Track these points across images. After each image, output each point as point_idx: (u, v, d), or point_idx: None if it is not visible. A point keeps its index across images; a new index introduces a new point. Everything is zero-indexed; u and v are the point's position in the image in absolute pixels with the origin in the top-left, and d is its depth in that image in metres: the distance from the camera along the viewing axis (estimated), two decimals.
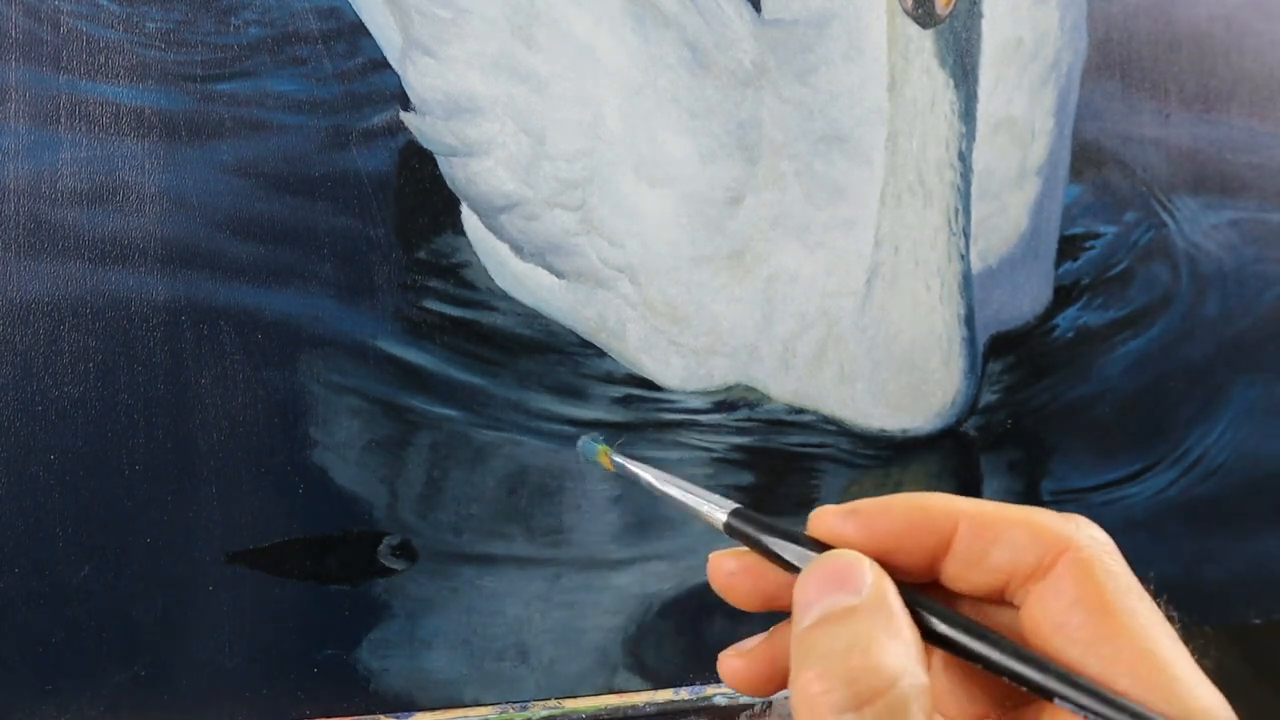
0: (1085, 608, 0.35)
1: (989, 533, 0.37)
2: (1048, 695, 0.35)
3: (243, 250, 0.64)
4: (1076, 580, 0.36)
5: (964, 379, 0.71)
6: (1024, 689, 0.35)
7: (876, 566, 0.36)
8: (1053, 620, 0.36)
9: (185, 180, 0.63)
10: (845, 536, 0.38)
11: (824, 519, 0.38)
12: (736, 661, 0.39)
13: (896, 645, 0.34)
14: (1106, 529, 0.38)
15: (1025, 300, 0.74)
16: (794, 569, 0.37)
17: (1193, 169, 0.77)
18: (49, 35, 0.61)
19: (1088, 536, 0.37)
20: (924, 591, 0.37)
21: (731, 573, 0.39)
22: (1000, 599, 0.38)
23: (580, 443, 0.41)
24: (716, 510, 0.40)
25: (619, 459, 0.43)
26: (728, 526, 0.39)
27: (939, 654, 0.38)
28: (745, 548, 0.39)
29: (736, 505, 0.40)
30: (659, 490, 0.41)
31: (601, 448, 0.43)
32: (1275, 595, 0.78)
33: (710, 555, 0.39)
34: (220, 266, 0.63)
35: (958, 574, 0.38)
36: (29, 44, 0.61)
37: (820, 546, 0.38)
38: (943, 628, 0.36)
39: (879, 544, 0.37)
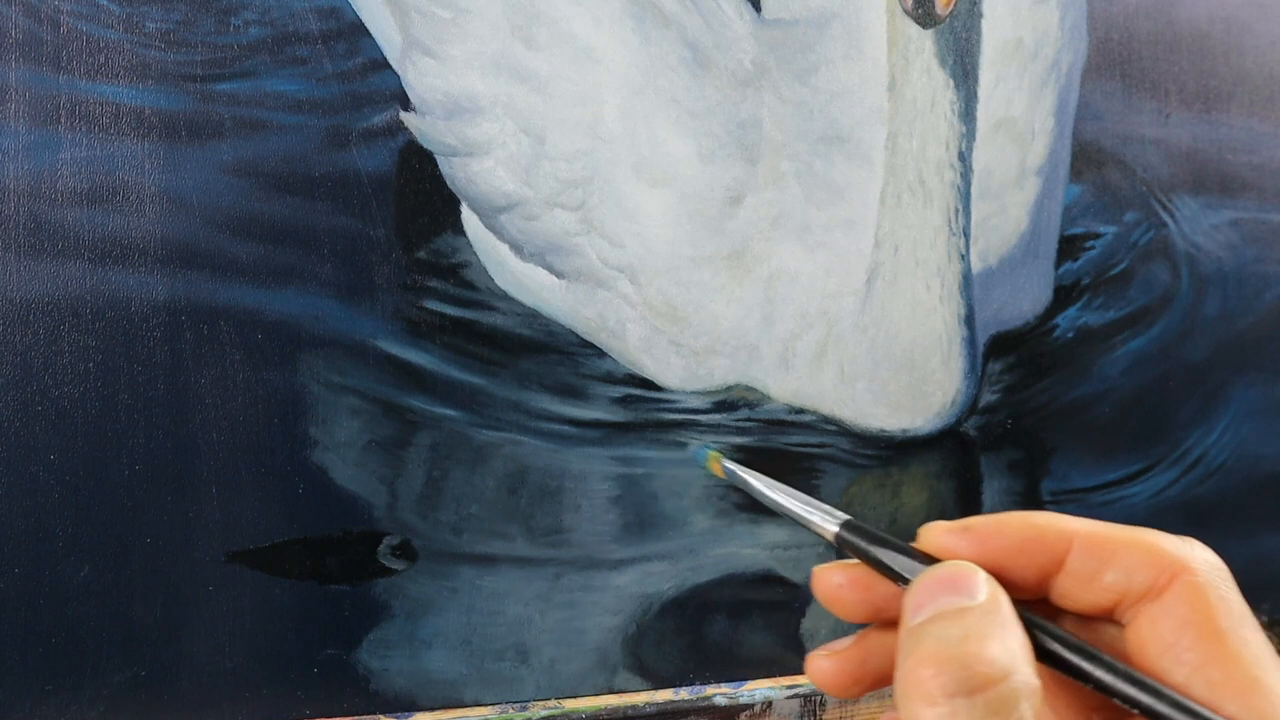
0: (1196, 631, 0.36)
1: (1104, 553, 0.37)
2: (1155, 718, 0.35)
3: (243, 250, 0.64)
4: (1189, 603, 0.36)
5: (964, 379, 0.71)
6: (1135, 711, 0.36)
7: (991, 578, 0.37)
8: (1162, 641, 0.36)
9: (185, 180, 0.63)
10: (957, 553, 0.38)
11: (935, 534, 0.38)
12: (825, 661, 0.39)
13: (1011, 643, 0.34)
14: None
15: (1025, 300, 0.74)
16: (904, 580, 0.38)
17: (1193, 169, 0.77)
18: (49, 35, 0.61)
19: (1204, 560, 0.37)
20: (1031, 606, 0.37)
21: (840, 585, 0.39)
22: (1109, 617, 0.38)
23: (691, 448, 0.41)
24: (828, 521, 0.40)
25: (730, 465, 0.43)
26: (838, 538, 0.40)
27: (1049, 678, 0.38)
28: (852, 559, 0.39)
29: (847, 517, 0.40)
30: (769, 498, 0.41)
31: (713, 454, 0.44)
32: (1276, 594, 0.78)
33: (814, 569, 0.40)
34: (220, 266, 0.63)
35: (1068, 592, 0.38)
36: (29, 44, 0.61)
37: (931, 560, 0.38)
38: (1054, 646, 0.36)
39: (991, 561, 0.38)
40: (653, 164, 0.68)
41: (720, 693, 0.69)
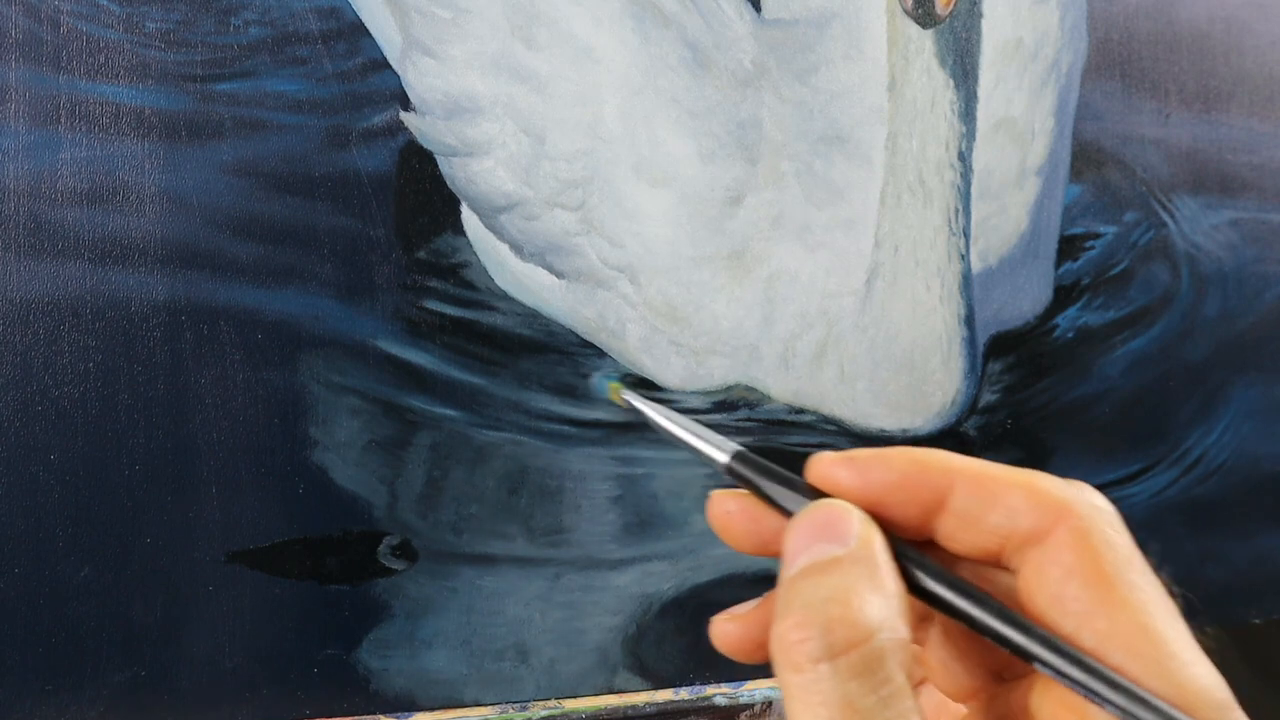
0: (1081, 578, 0.35)
1: (986, 493, 0.37)
2: (1029, 659, 0.34)
3: (243, 250, 0.64)
4: (1074, 549, 0.35)
5: (964, 379, 0.71)
6: (1008, 651, 0.35)
7: (866, 518, 0.36)
8: (1049, 590, 0.35)
9: (185, 180, 0.63)
10: (840, 484, 0.37)
11: (822, 465, 0.38)
12: (729, 625, 0.38)
13: (876, 598, 0.34)
14: None
15: (1025, 300, 0.74)
16: (789, 514, 0.37)
17: (1193, 169, 0.77)
18: (49, 35, 0.61)
19: (1088, 504, 0.36)
20: (920, 548, 0.37)
21: (729, 512, 0.39)
22: (997, 563, 0.37)
23: (593, 380, 0.42)
24: (720, 452, 0.39)
25: (628, 394, 0.43)
26: (729, 468, 0.39)
27: (938, 627, 0.38)
28: (736, 492, 0.39)
29: (739, 448, 0.39)
30: (663, 427, 0.41)
31: (613, 384, 0.44)
32: (1275, 594, 0.78)
33: (712, 493, 0.39)
34: (220, 266, 0.63)
35: (952, 533, 0.37)
36: (29, 44, 0.61)
37: (817, 494, 0.37)
38: (930, 583, 0.36)
39: (873, 495, 0.37)
40: (653, 164, 0.68)
41: (720, 693, 0.69)
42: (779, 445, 0.71)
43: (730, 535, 0.39)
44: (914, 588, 0.36)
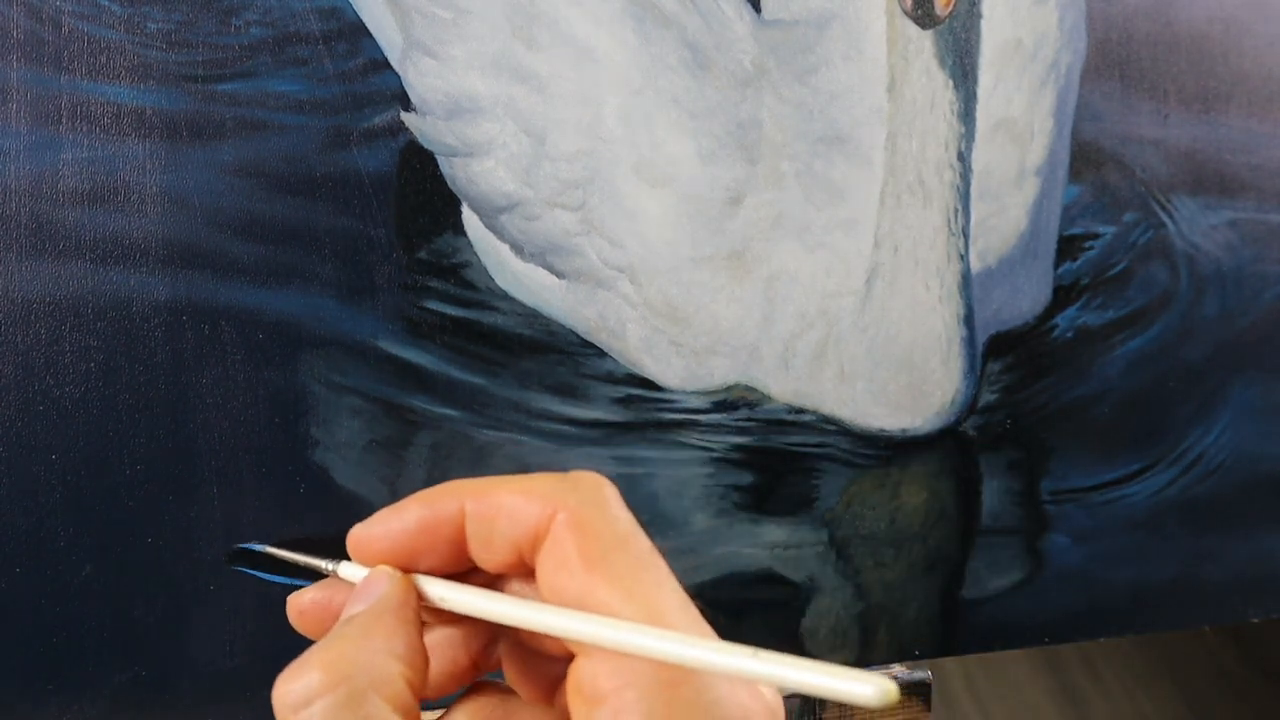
0: (568, 569, 0.37)
1: (489, 508, 0.38)
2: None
3: (244, 250, 0.64)
4: (561, 543, 0.37)
5: (963, 379, 0.71)
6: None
7: (393, 574, 0.39)
8: (549, 585, 0.37)
9: (186, 180, 0.63)
10: (373, 549, 0.40)
11: (355, 538, 0.40)
12: (294, 614, 0.42)
13: (370, 642, 0.36)
14: (1106, 528, 0.38)
15: (1024, 300, 0.74)
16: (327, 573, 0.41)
17: (1192, 169, 0.77)
18: (50, 36, 0.61)
19: (578, 494, 0.38)
20: (465, 577, 0.39)
21: (302, 612, 0.42)
22: (526, 571, 0.39)
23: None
24: (326, 563, 0.43)
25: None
26: (333, 572, 0.43)
27: (505, 644, 0.41)
28: (311, 587, 0.42)
29: (331, 565, 0.43)
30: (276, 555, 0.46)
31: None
32: (1275, 594, 0.78)
33: (287, 599, 0.42)
34: (221, 266, 0.63)
35: (480, 556, 0.39)
36: (30, 44, 0.61)
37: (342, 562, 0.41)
38: (453, 601, 0.39)
39: (401, 548, 0.39)
40: (653, 164, 0.68)
41: None
42: (779, 445, 0.71)
43: (307, 627, 0.42)
44: (458, 618, 0.39)
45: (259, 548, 0.45)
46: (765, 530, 0.71)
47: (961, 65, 0.69)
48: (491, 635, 0.41)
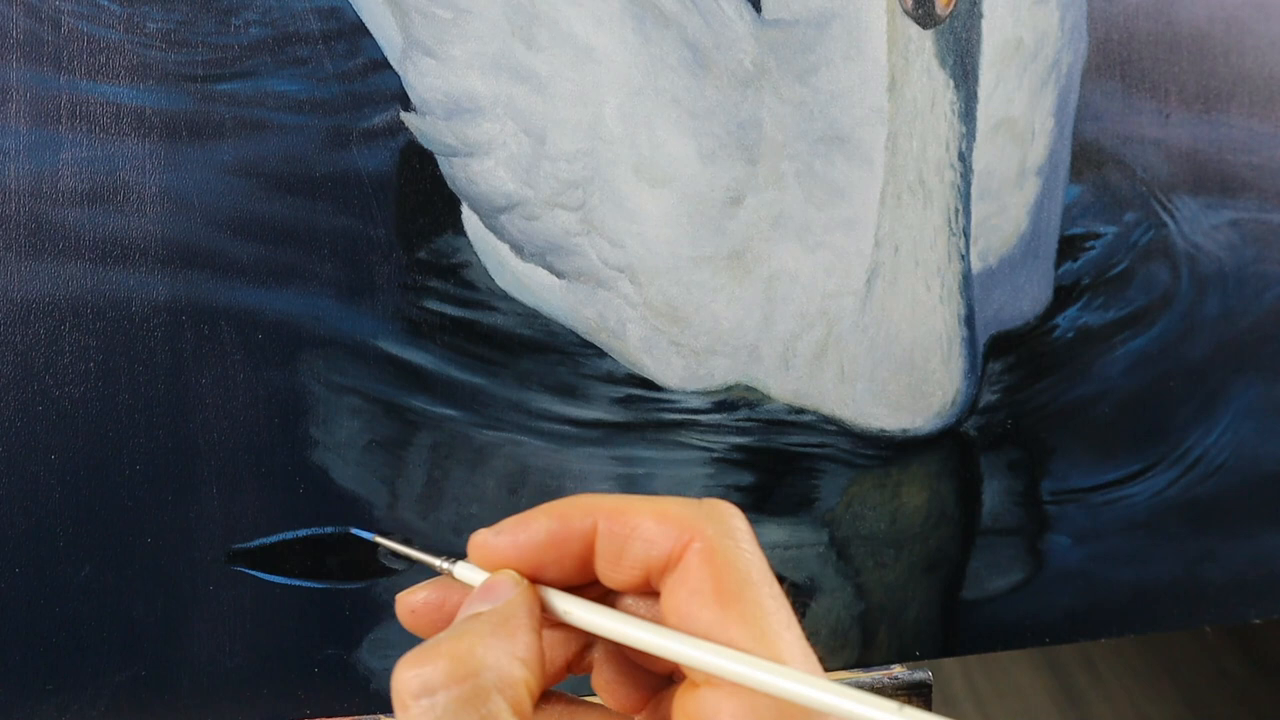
0: (702, 599, 0.37)
1: (624, 527, 0.39)
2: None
3: (243, 250, 0.64)
4: (696, 570, 0.37)
5: (964, 379, 0.71)
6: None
7: (518, 580, 0.39)
8: (678, 611, 0.37)
9: (186, 180, 0.63)
10: (499, 556, 0.40)
11: (478, 544, 0.40)
12: (405, 611, 0.42)
13: (496, 642, 0.36)
14: (1107, 528, 0.38)
15: (1025, 300, 0.74)
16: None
17: (1193, 169, 0.77)
18: (50, 35, 0.61)
19: (714, 524, 0.38)
20: (583, 590, 0.40)
21: (414, 611, 0.42)
22: (650, 592, 0.39)
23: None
24: (442, 562, 0.43)
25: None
26: (449, 572, 0.43)
27: (600, 652, 0.42)
28: (424, 585, 0.42)
29: (450, 561, 0.43)
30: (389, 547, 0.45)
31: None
32: (1275, 594, 0.78)
33: (396, 596, 0.42)
34: (221, 266, 0.63)
35: (605, 573, 0.39)
36: (30, 44, 0.61)
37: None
38: (577, 615, 0.39)
39: (528, 557, 0.39)
40: (653, 164, 0.68)
41: None
42: (779, 445, 0.71)
43: (418, 625, 0.42)
44: (565, 623, 0.39)
45: (368, 535, 0.45)
46: (765, 530, 0.71)
47: (962, 65, 0.69)
48: (589, 641, 0.42)
